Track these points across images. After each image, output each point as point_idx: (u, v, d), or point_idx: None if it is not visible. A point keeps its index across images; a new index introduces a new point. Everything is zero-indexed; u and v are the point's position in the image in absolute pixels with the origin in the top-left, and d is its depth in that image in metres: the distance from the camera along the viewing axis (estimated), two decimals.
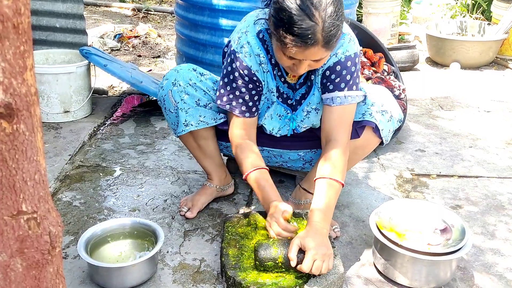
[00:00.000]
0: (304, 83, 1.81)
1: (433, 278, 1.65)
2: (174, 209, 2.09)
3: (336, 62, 1.70)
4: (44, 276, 0.93)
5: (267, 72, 1.77)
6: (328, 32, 1.48)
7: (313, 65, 1.61)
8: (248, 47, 1.71)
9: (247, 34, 1.71)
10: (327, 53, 1.56)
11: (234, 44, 1.74)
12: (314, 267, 1.51)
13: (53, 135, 2.73)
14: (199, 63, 3.08)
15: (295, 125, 1.89)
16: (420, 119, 3.17)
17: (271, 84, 1.80)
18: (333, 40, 1.52)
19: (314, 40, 1.48)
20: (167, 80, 1.93)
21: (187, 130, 1.91)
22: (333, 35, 1.50)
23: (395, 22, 4.79)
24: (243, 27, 1.74)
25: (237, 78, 1.74)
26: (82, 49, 2.93)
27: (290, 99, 1.85)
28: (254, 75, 1.74)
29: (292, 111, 1.87)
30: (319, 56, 1.55)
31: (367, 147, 1.92)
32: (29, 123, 0.82)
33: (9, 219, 0.85)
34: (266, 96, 1.83)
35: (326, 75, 1.73)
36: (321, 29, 1.48)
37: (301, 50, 1.51)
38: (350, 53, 1.71)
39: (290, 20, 1.48)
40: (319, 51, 1.53)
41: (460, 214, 2.12)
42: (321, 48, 1.51)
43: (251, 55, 1.72)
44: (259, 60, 1.73)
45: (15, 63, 0.78)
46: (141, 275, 1.64)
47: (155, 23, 5.92)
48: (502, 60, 4.44)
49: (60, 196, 2.17)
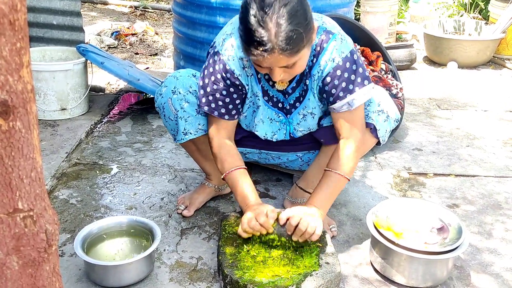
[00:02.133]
0: (298, 86, 1.76)
1: (429, 276, 1.65)
2: (171, 207, 2.09)
3: (335, 67, 1.65)
4: (40, 274, 0.92)
5: (251, 76, 1.73)
6: (283, 38, 1.42)
7: (288, 71, 1.55)
8: (232, 50, 1.67)
9: (232, 37, 1.67)
10: (292, 59, 1.48)
11: (218, 46, 1.70)
12: (301, 224, 1.59)
13: (49, 133, 2.72)
14: (197, 61, 3.08)
15: (292, 129, 1.87)
16: (417, 118, 3.17)
17: (255, 88, 1.75)
18: (291, 46, 1.44)
19: (268, 48, 1.42)
20: (166, 87, 1.89)
21: (186, 138, 1.89)
22: (289, 41, 1.42)
23: (392, 21, 4.79)
24: (228, 29, 1.70)
25: (218, 80, 1.70)
26: (79, 47, 2.92)
27: (281, 103, 1.81)
28: (236, 79, 1.70)
29: (286, 114, 1.84)
30: (284, 63, 1.49)
31: (364, 148, 1.91)
32: (26, 121, 0.82)
33: (5, 217, 0.85)
34: (252, 100, 1.79)
35: (328, 82, 1.67)
36: (274, 36, 1.41)
37: (261, 58, 1.46)
38: (346, 54, 1.65)
39: (245, 29, 1.45)
40: (280, 59, 1.46)
41: (457, 213, 2.12)
42: (280, 55, 1.45)
43: (234, 58, 1.67)
44: (243, 64, 1.68)
45: (11, 60, 0.77)
46: (137, 273, 1.64)
47: (153, 21, 5.91)
48: (499, 60, 4.45)
49: (56, 194, 2.16)
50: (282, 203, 2.12)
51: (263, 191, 2.24)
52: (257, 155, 2.07)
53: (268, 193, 2.23)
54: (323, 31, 1.65)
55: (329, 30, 1.66)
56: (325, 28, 1.66)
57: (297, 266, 1.60)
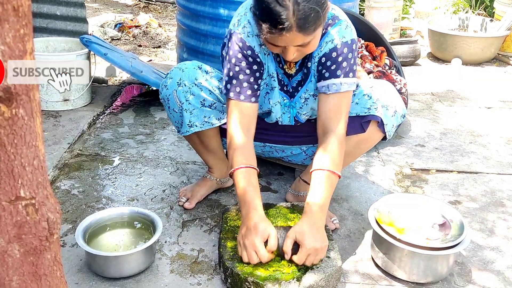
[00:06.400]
0: (300, 69, 1.77)
1: (430, 272, 1.65)
2: (173, 199, 2.09)
3: (333, 48, 1.65)
4: (41, 262, 0.92)
5: (267, 55, 1.72)
6: (301, 16, 1.42)
7: (302, 50, 1.56)
8: (249, 27, 1.66)
9: (247, 15, 1.67)
10: (308, 38, 1.49)
11: (234, 27, 1.68)
12: (308, 261, 1.54)
13: (52, 123, 2.72)
14: (200, 54, 3.07)
15: (295, 112, 1.87)
16: (420, 114, 3.16)
17: (271, 68, 1.75)
18: (309, 24, 1.45)
19: (286, 26, 1.43)
20: (172, 79, 1.88)
21: (191, 131, 1.89)
22: (307, 19, 1.43)
23: (397, 17, 4.77)
24: (241, 11, 1.70)
25: (240, 60, 1.67)
26: (82, 38, 2.91)
27: (285, 86, 1.81)
28: (257, 56, 1.68)
29: (290, 97, 1.84)
30: (300, 41, 1.50)
31: (370, 142, 1.90)
32: (28, 108, 0.82)
33: (7, 205, 0.84)
34: (266, 81, 1.78)
35: (322, 62, 1.68)
36: (292, 14, 1.42)
37: (277, 36, 1.47)
38: (347, 39, 1.66)
39: (261, 7, 1.45)
40: (296, 37, 1.47)
41: (459, 210, 2.11)
42: (297, 33, 1.45)
43: (253, 35, 1.66)
44: (260, 41, 1.67)
45: (14, 47, 0.77)
46: (138, 264, 1.64)
47: (156, 13, 5.90)
48: (503, 57, 4.43)
49: (58, 184, 2.16)
50: (284, 197, 2.12)
51: (265, 184, 2.23)
52: (261, 148, 2.06)
53: (270, 186, 2.23)
54: (332, 16, 1.67)
55: (336, 16, 1.67)
56: (333, 14, 1.68)
57: None
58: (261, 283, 1.48)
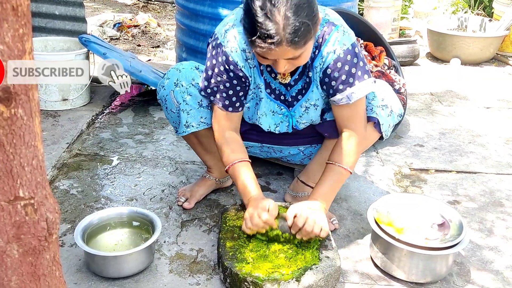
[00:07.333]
0: (300, 78, 1.75)
1: (429, 272, 1.65)
2: (172, 199, 2.08)
3: (336, 59, 1.64)
4: (40, 262, 0.92)
5: (253, 68, 1.71)
6: (291, 31, 1.41)
7: (293, 62, 1.54)
8: (235, 42, 1.65)
9: (234, 28, 1.65)
10: (298, 51, 1.48)
11: (220, 38, 1.68)
12: (307, 224, 1.59)
13: (51, 123, 2.72)
14: (199, 54, 3.07)
15: (295, 122, 1.86)
16: (419, 114, 3.16)
17: (258, 80, 1.74)
18: (299, 38, 1.43)
19: (276, 40, 1.42)
20: (169, 79, 1.89)
21: (188, 131, 1.89)
22: (297, 33, 1.42)
23: (396, 17, 4.77)
24: (230, 20, 1.69)
25: (221, 73, 1.69)
26: (81, 37, 2.91)
27: (283, 95, 1.80)
28: (240, 71, 1.68)
29: (288, 107, 1.82)
30: (291, 55, 1.48)
31: (367, 142, 1.91)
32: (27, 108, 0.81)
33: (5, 205, 0.84)
34: (254, 92, 1.78)
35: (328, 74, 1.67)
36: (282, 28, 1.41)
37: (267, 50, 1.46)
38: (347, 46, 1.64)
39: (251, 21, 1.44)
40: (287, 51, 1.46)
41: (458, 209, 2.12)
42: (287, 47, 1.44)
43: (237, 50, 1.66)
44: (245, 56, 1.67)
45: (13, 46, 0.77)
46: (137, 264, 1.64)
47: (155, 13, 5.89)
48: (502, 57, 4.43)
49: (57, 184, 2.16)
50: (283, 197, 2.11)
51: (264, 184, 2.23)
52: (259, 148, 2.06)
53: (269, 186, 2.23)
54: (326, 23, 1.64)
55: (331, 22, 1.65)
56: (327, 19, 1.65)
57: (297, 259, 1.60)
58: (260, 283, 1.48)
